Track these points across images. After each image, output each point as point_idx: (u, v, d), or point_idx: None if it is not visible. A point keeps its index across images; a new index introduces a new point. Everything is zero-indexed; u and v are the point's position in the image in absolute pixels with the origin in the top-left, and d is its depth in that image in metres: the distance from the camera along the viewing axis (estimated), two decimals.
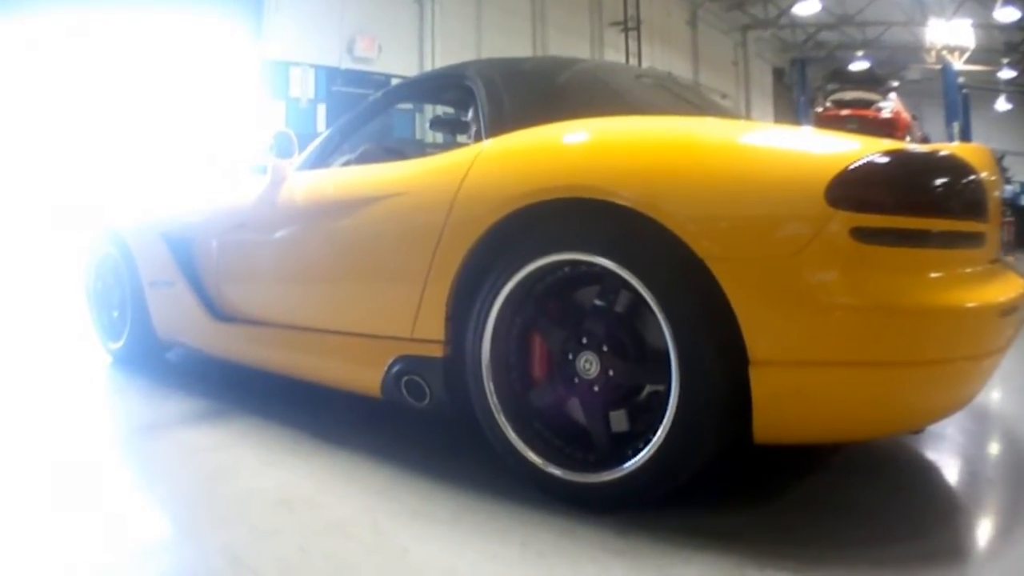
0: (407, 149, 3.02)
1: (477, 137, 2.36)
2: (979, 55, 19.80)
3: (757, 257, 1.61)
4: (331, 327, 2.53)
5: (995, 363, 1.75)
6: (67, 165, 8.29)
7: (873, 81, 15.73)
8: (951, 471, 2.21)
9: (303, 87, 10.05)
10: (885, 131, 12.94)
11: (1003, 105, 26.23)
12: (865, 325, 1.56)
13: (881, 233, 1.56)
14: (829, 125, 13.35)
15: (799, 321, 1.58)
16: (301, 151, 2.89)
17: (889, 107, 14.33)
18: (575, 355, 1.87)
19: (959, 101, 19.74)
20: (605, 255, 1.77)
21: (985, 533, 1.80)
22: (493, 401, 1.97)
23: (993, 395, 2.95)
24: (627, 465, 1.75)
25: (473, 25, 13.05)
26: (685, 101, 2.70)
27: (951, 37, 19.14)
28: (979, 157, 1.79)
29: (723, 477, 1.95)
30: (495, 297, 1.96)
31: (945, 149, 1.72)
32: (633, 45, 15.98)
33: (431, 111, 4.83)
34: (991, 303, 1.65)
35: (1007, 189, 12.05)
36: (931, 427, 2.01)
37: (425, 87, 3.08)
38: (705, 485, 1.82)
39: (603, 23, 15.84)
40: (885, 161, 1.61)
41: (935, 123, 19.40)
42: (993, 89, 24.89)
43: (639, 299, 1.75)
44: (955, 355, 1.63)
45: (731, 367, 1.63)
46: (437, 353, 2.12)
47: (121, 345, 3.73)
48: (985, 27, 19.07)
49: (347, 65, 11.01)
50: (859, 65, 19.17)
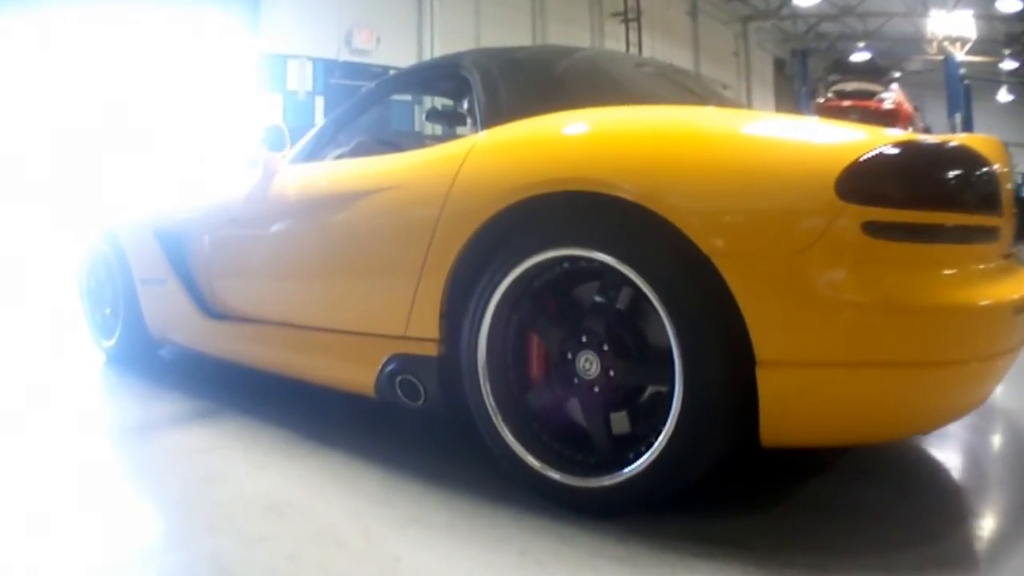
0: (403, 141, 2.96)
1: (473, 128, 2.30)
2: (980, 46, 19.72)
3: (764, 253, 1.54)
4: (324, 324, 2.47)
5: (1009, 363, 1.68)
6: (63, 162, 8.22)
7: (875, 72, 15.64)
8: (960, 472, 2.15)
9: (301, 79, 9.99)
10: (887, 122, 12.87)
11: (1005, 96, 26.18)
12: (877, 324, 1.50)
13: (893, 228, 1.49)
14: (831, 116, 13.27)
15: (808, 320, 1.52)
16: (294, 144, 2.84)
17: (891, 98, 14.26)
18: (574, 354, 1.81)
19: (961, 92, 19.66)
20: (605, 251, 1.71)
21: (996, 537, 1.73)
22: (489, 402, 1.91)
23: (1002, 392, 2.89)
24: (628, 469, 1.69)
25: (472, 17, 12.99)
26: (687, 90, 2.64)
27: (952, 28, 19.07)
28: (991, 148, 1.72)
29: (725, 479, 1.89)
30: (491, 294, 1.90)
31: (957, 140, 1.65)
32: (633, 36, 15.90)
33: (430, 102, 4.74)
34: (1005, 300, 1.59)
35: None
36: None
37: (420, 78, 3.02)
38: (706, 488, 1.75)
39: (603, 14, 15.78)
40: (897, 152, 1.55)
41: (937, 114, 19.31)
42: (995, 80, 24.84)
43: (641, 296, 1.69)
44: (969, 355, 1.57)
45: (737, 367, 1.57)
46: (432, 352, 2.06)
47: (114, 343, 3.68)
48: (986, 18, 19.00)
49: (345, 57, 10.95)
50: (860, 56, 19.06)
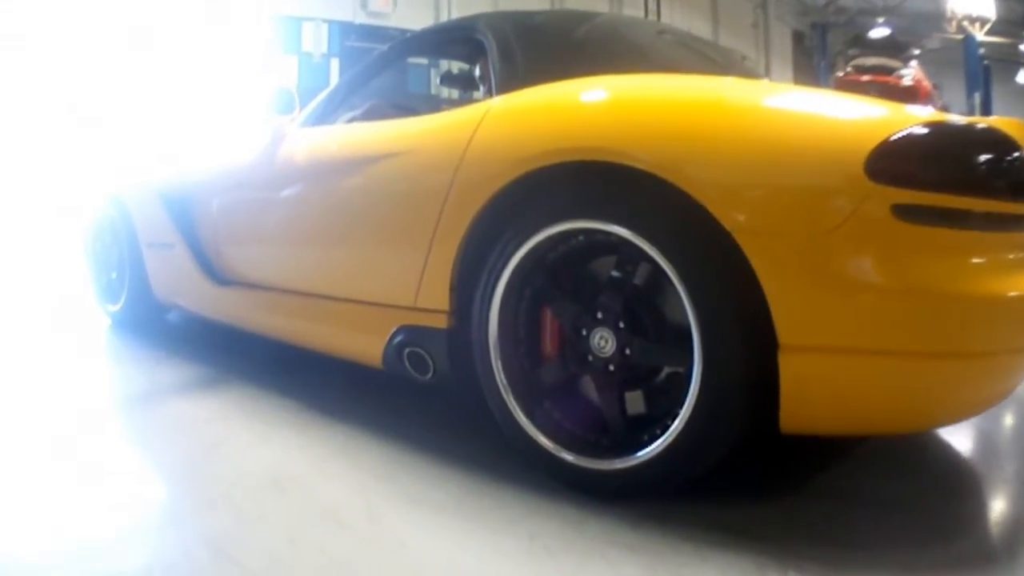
0: (417, 105, 2.89)
1: (488, 94, 2.22)
2: (1000, 27, 19.32)
3: (789, 232, 1.46)
4: (331, 293, 2.41)
5: None
6: (72, 132, 8.08)
7: (894, 48, 15.43)
8: (980, 462, 2.08)
9: (316, 42, 9.86)
10: (906, 99, 12.65)
11: None
12: (904, 312, 1.42)
13: (923, 212, 1.41)
14: (850, 90, 13.11)
15: (833, 304, 1.44)
16: (304, 107, 2.76)
17: (910, 75, 14.05)
18: (589, 331, 1.74)
19: (980, 72, 19.29)
20: (623, 224, 1.63)
21: (1019, 533, 1.66)
22: (500, 378, 1.85)
23: None
24: (642, 452, 1.62)
25: None
26: (708, 60, 2.54)
27: (972, 7, 18.67)
28: (1020, 132, 1.63)
29: (739, 464, 1.81)
30: (503, 266, 1.82)
31: (988, 123, 1.56)
32: (652, 4, 15.66)
33: (446, 66, 4.63)
34: None
35: None
36: None
37: (434, 40, 2.90)
38: (721, 473, 1.68)
39: None
40: (929, 133, 1.46)
41: (955, 93, 18.98)
42: (1014, 61, 24.36)
43: (659, 272, 1.61)
44: (997, 347, 1.48)
45: (758, 350, 1.49)
46: (441, 324, 1.99)
47: (120, 307, 3.62)
48: None
49: (361, 20, 10.80)
50: (880, 32, 18.74)
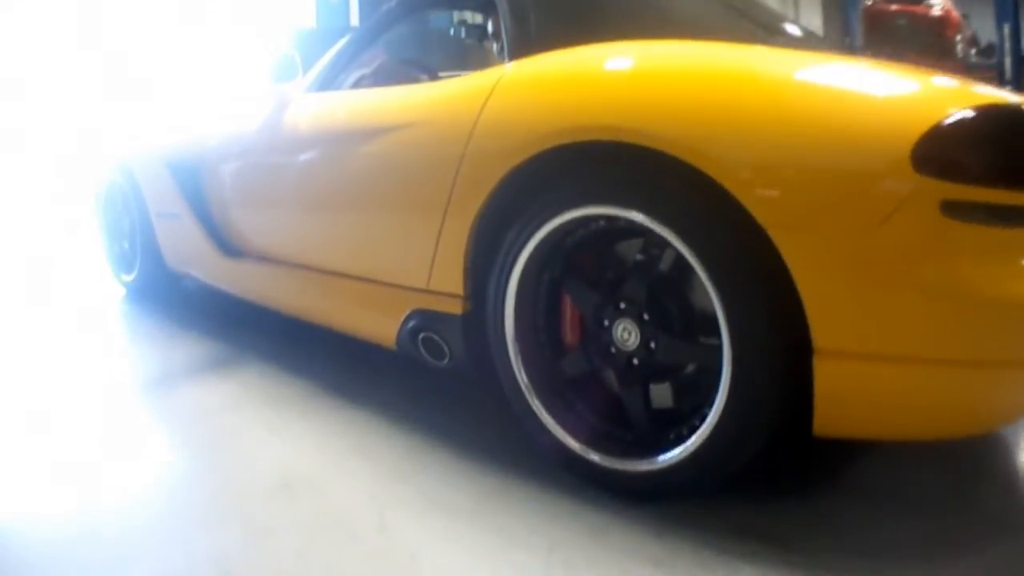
0: (429, 61, 2.73)
1: (500, 57, 2.08)
2: None
3: (826, 227, 1.31)
4: (342, 269, 2.31)
5: None
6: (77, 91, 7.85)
7: None
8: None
9: None
10: (936, 29, 12.28)
11: None
12: (954, 317, 1.28)
13: (976, 208, 1.26)
14: (879, 19, 12.69)
15: (875, 308, 1.30)
16: (312, 68, 2.63)
17: (939, 4, 13.56)
18: (612, 322, 1.63)
19: (1010, 1, 18.49)
20: (645, 212, 1.50)
21: None
22: (519, 370, 1.75)
23: None
24: (669, 455, 1.52)
25: None
26: (751, 22, 2.36)
27: None
28: None
29: (771, 464, 1.69)
30: (519, 251, 1.71)
31: None
32: None
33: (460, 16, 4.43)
34: None
35: None
36: None
37: None
38: (752, 474, 1.57)
39: None
40: (985, 118, 1.29)
41: (984, 22, 18.22)
42: None
43: (687, 263, 1.49)
44: None
45: (792, 351, 1.37)
46: (456, 310, 1.89)
47: (133, 278, 3.57)
48: None
49: None
50: None
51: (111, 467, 1.84)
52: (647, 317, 1.58)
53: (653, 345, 1.57)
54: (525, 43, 1.96)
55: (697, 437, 1.47)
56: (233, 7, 8.56)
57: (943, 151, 1.26)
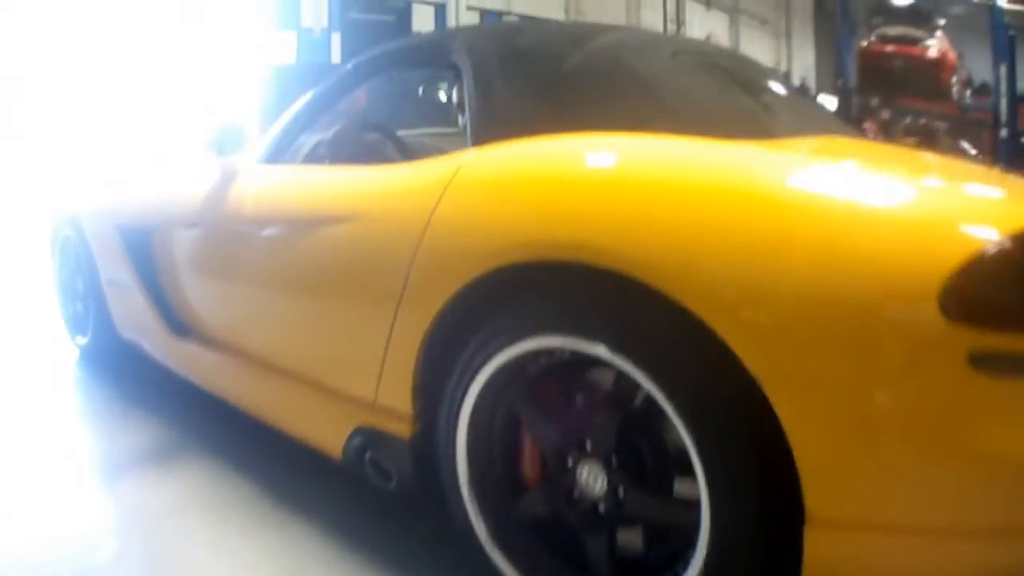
0: (391, 129, 2.52)
1: (462, 137, 1.87)
2: None
3: (829, 377, 1.10)
4: (288, 366, 2.10)
5: None
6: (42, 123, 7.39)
7: (918, 17, 14.80)
8: None
9: (316, 15, 9.38)
10: (932, 71, 12.25)
11: None
12: (982, 483, 1.07)
13: (1012, 361, 1.04)
14: (874, 61, 12.61)
15: (886, 474, 1.09)
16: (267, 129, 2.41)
17: (935, 45, 13.48)
18: (576, 463, 1.41)
19: (1006, 42, 18.40)
20: (611, 346, 1.29)
21: None
22: (469, 502, 1.54)
23: None
24: None
25: None
26: (748, 94, 2.14)
27: None
28: None
29: None
30: (474, 375, 1.50)
31: None
32: None
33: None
34: None
35: None
36: None
37: (405, 59, 2.40)
38: None
39: None
40: None
41: (979, 63, 18.12)
42: None
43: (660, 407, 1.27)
44: None
45: (782, 515, 1.16)
46: (404, 431, 1.67)
47: (87, 342, 3.34)
48: None
49: None
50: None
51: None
52: (615, 461, 1.36)
53: (621, 494, 1.35)
54: (489, 123, 1.76)
55: None
56: (209, 39, 8.31)
57: (979, 291, 1.05)
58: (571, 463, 1.42)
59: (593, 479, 1.39)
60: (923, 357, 1.05)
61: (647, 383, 1.25)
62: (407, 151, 2.37)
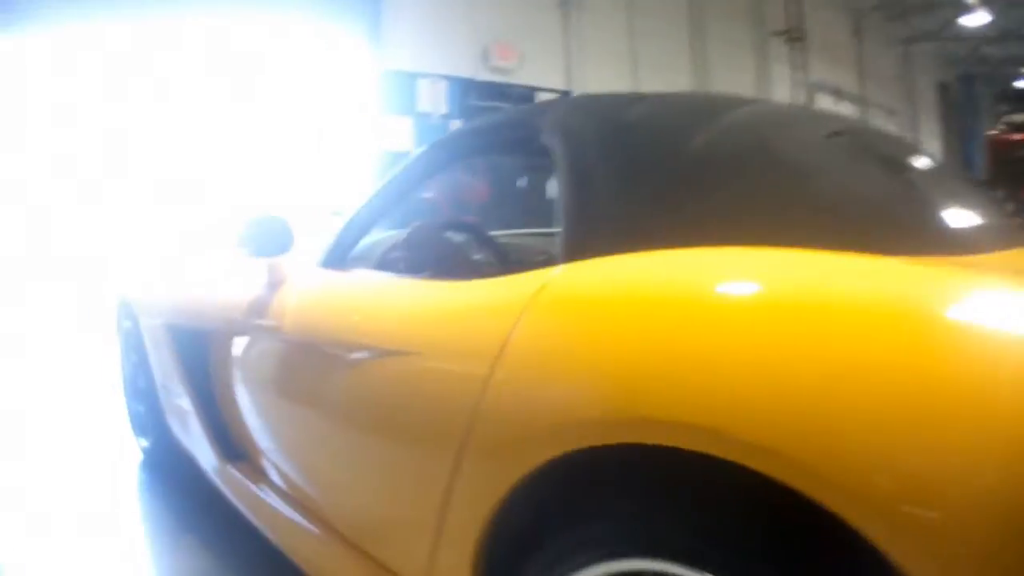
0: (481, 228, 2.12)
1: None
2: None
3: None
4: (333, 521, 1.69)
5: None
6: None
7: None
8: None
9: (433, 101, 9.28)
10: None
11: None
12: None
13: None
14: (1001, 150, 12.11)
15: None
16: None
17: None
18: None
19: None
20: None
21: None
22: None
23: None
24: None
25: (624, 32, 11.97)
26: (926, 185, 1.65)
27: None
28: None
29: None
30: None
31: None
32: (798, 57, 14.51)
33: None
34: None
35: None
36: None
37: (493, 139, 1.92)
38: None
39: (765, 32, 14.40)
40: None
41: None
42: None
43: None
44: None
45: None
46: None
47: (149, 445, 3.04)
48: None
49: (483, 76, 10.21)
50: None
51: None
52: None
53: None
54: (584, 226, 1.31)
55: None
56: (323, 122, 8.24)
57: None
58: None
59: None
60: None
61: None
62: (504, 257, 1.97)
